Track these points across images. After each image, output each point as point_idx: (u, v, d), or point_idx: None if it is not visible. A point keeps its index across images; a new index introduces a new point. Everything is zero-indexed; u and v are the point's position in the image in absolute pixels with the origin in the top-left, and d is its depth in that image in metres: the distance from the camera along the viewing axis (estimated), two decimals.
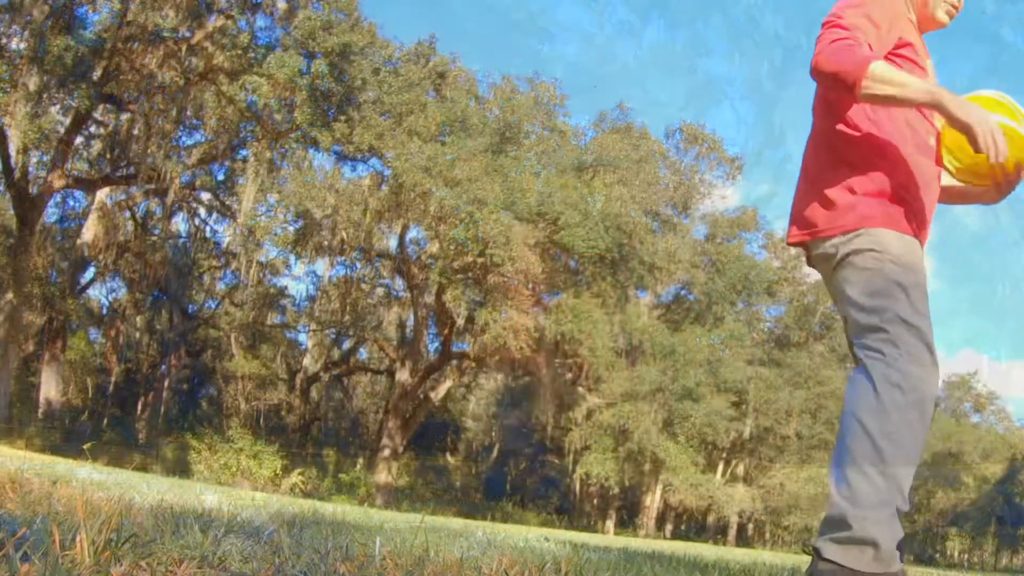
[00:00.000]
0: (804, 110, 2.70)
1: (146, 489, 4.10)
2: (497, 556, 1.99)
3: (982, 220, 76.48)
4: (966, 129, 2.15)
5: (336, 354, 29.42)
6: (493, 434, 38.21)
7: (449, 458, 38.52)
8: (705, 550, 6.89)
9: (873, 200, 2.34)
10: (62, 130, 17.81)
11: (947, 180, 2.56)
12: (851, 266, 2.32)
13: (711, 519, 35.76)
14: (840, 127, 2.40)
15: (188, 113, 19.87)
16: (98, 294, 30.83)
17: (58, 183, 17.03)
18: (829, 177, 2.40)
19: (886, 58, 2.32)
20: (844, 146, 2.40)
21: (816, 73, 2.30)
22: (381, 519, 4.30)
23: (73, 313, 22.08)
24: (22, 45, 14.72)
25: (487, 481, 38.62)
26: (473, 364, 23.93)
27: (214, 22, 16.07)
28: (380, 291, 27.10)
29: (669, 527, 34.91)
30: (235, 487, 14.70)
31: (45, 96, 15.62)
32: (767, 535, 38.61)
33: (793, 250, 35.50)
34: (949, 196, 2.61)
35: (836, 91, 2.29)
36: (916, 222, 2.35)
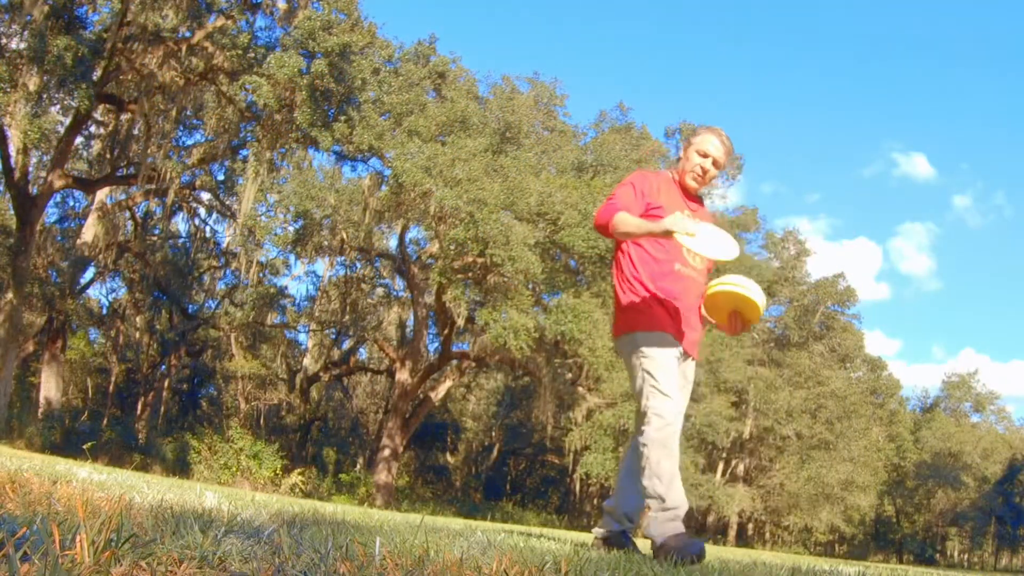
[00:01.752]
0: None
1: (146, 489, 4.10)
2: (497, 556, 1.99)
3: (984, 218, 76.41)
4: (667, 233, 3.22)
5: (336, 354, 29.40)
6: (493, 434, 38.20)
7: (449, 458, 38.50)
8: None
9: (633, 310, 3.51)
10: (62, 130, 17.80)
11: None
12: (628, 360, 3.53)
13: (711, 519, 35.73)
14: (622, 266, 3.60)
15: (188, 113, 19.87)
16: (98, 294, 30.87)
17: (58, 183, 17.02)
18: (618, 293, 3.61)
19: (645, 213, 3.45)
20: (622, 279, 3.60)
21: (594, 225, 3.58)
22: (381, 519, 4.30)
23: (73, 313, 22.07)
24: (22, 45, 14.71)
25: (487, 481, 38.60)
26: (473, 364, 23.91)
27: (214, 22, 16.05)
28: (380, 291, 27.10)
29: None
30: (235, 487, 14.70)
31: (45, 96, 15.60)
32: (767, 535, 38.60)
33: (793, 250, 35.54)
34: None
35: (604, 234, 3.50)
36: (664, 322, 3.46)
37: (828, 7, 77.99)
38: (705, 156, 3.58)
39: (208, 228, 24.73)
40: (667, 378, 3.46)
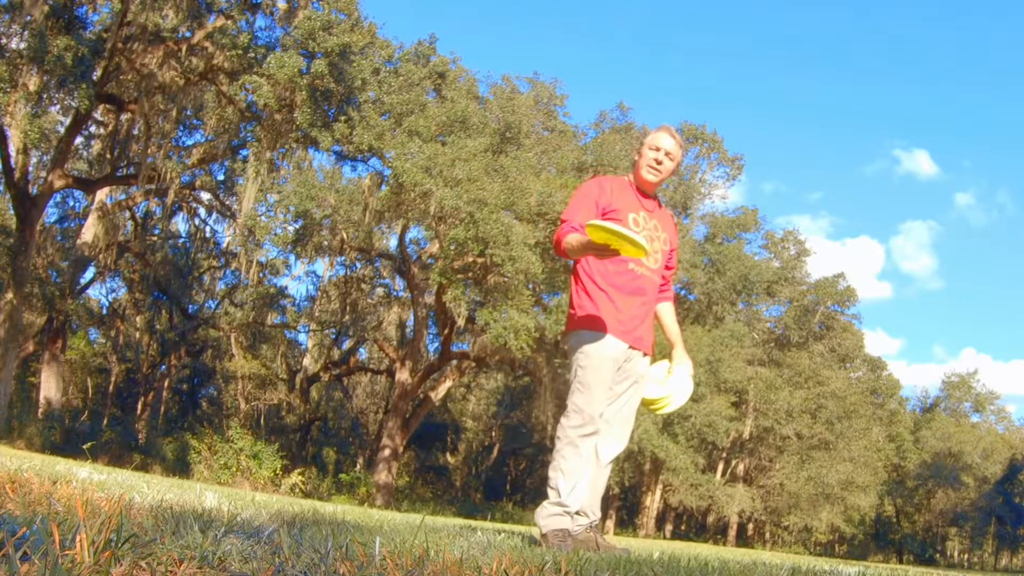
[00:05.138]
0: None
1: (146, 489, 4.10)
2: (497, 556, 1.99)
3: (986, 216, 76.41)
4: (600, 252, 3.34)
5: (336, 354, 29.40)
6: (493, 434, 38.21)
7: (449, 458, 38.52)
8: (705, 550, 6.88)
9: (582, 309, 3.65)
10: (62, 130, 17.79)
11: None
12: (571, 352, 3.67)
13: (711, 519, 35.76)
14: (578, 268, 3.75)
15: (188, 113, 19.87)
16: (98, 294, 30.87)
17: (58, 183, 17.02)
18: (572, 292, 3.79)
19: (604, 216, 3.61)
20: (577, 279, 3.77)
21: (554, 248, 3.74)
22: (381, 519, 4.30)
23: (73, 313, 22.07)
24: (22, 45, 14.70)
25: (487, 481, 38.63)
26: (473, 364, 23.91)
27: (214, 22, 16.04)
28: (380, 291, 27.09)
29: (669, 527, 34.91)
30: (235, 487, 14.69)
31: (45, 96, 15.59)
32: (767, 535, 38.61)
33: (793, 250, 35.54)
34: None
35: (560, 255, 3.66)
36: (611, 322, 3.59)
37: (828, 5, 78.04)
38: (657, 149, 3.72)
39: (208, 228, 24.75)
40: (598, 380, 3.55)
